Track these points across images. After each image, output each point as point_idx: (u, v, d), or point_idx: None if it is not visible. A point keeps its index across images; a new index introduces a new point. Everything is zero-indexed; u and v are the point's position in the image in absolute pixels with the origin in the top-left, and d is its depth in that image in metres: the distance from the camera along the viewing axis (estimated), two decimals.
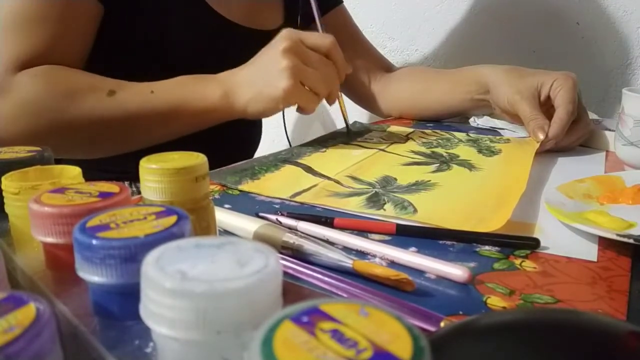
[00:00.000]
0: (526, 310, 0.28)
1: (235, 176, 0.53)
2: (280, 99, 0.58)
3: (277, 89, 0.57)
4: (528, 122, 0.66)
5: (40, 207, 0.24)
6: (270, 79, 0.58)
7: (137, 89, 0.60)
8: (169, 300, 0.16)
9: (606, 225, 0.39)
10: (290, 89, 0.57)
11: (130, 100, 0.58)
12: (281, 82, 0.57)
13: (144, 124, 0.59)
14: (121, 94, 0.58)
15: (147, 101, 0.59)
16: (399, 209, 0.45)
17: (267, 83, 0.58)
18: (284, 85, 0.57)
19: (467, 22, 1.12)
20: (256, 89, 0.59)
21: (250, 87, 0.59)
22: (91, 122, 0.58)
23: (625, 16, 0.97)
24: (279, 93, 0.57)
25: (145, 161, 0.28)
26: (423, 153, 0.64)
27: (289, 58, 0.57)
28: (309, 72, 0.58)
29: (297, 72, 0.57)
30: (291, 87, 0.57)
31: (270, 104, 0.58)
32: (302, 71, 0.58)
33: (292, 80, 0.57)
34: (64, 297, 0.23)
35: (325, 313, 0.15)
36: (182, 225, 0.22)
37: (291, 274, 0.33)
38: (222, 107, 0.59)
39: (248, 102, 0.59)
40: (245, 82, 0.60)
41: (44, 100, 0.57)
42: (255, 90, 0.59)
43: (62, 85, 0.58)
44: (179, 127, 0.61)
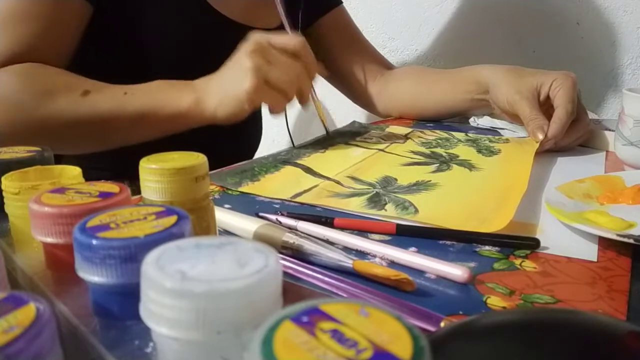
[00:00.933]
0: (526, 310, 0.28)
1: (235, 177, 0.53)
2: (244, 99, 0.57)
3: (241, 90, 0.57)
4: (527, 122, 0.66)
5: (40, 207, 0.24)
6: (234, 81, 0.58)
7: (111, 90, 0.60)
8: (169, 300, 0.16)
9: (606, 225, 0.39)
10: (254, 88, 0.56)
11: (103, 102, 0.59)
12: (245, 82, 0.56)
13: (115, 126, 0.60)
14: (94, 95, 0.59)
15: (119, 103, 0.59)
16: (400, 210, 0.44)
17: (232, 86, 0.58)
18: (247, 86, 0.56)
19: (467, 22, 1.12)
20: (222, 92, 0.58)
21: (217, 91, 0.59)
22: (63, 121, 0.58)
23: (625, 16, 0.97)
24: (242, 94, 0.57)
25: (145, 161, 0.28)
26: (423, 153, 0.64)
27: (252, 58, 0.57)
28: (272, 71, 0.58)
29: (260, 71, 0.57)
30: (254, 86, 0.56)
31: (236, 106, 0.58)
32: (266, 70, 0.57)
33: (255, 80, 0.56)
34: (64, 297, 0.23)
35: (325, 313, 0.15)
36: (182, 225, 0.22)
37: (291, 274, 0.33)
38: (192, 113, 0.59)
39: (217, 106, 0.58)
40: (213, 87, 0.60)
41: (19, 97, 0.58)
42: (222, 94, 0.58)
43: (38, 84, 0.59)
44: (150, 131, 0.61)
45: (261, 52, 0.58)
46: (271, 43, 0.59)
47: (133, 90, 0.60)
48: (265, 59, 0.58)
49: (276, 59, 0.58)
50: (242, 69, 0.57)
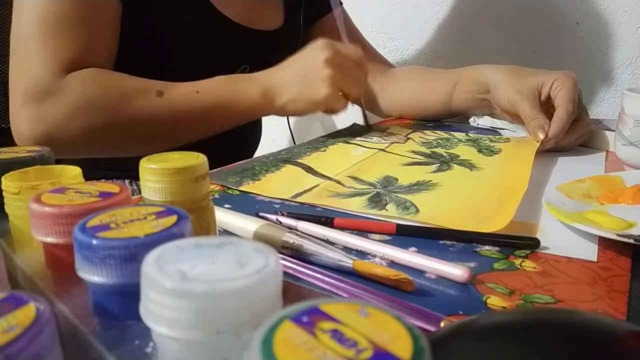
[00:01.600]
0: (526, 310, 0.28)
1: (236, 177, 0.53)
2: (321, 103, 0.64)
3: (319, 95, 0.64)
4: (528, 122, 0.66)
5: (40, 207, 0.24)
6: (312, 84, 0.64)
7: (182, 89, 0.63)
8: (169, 300, 0.16)
9: (606, 225, 0.39)
10: (331, 95, 0.64)
11: (178, 100, 0.62)
12: (323, 89, 0.63)
13: (192, 122, 0.63)
14: (169, 94, 0.62)
15: (193, 101, 0.63)
16: (401, 209, 0.44)
17: (308, 87, 0.64)
18: (326, 92, 0.63)
19: (468, 22, 1.12)
20: (297, 91, 0.65)
21: (291, 89, 0.65)
22: (143, 121, 0.61)
23: (625, 16, 0.97)
24: (320, 98, 0.64)
25: (145, 161, 0.28)
26: (423, 153, 0.64)
27: (330, 68, 0.64)
28: (346, 80, 0.66)
29: (337, 81, 0.64)
30: (331, 94, 0.64)
31: (310, 106, 0.65)
32: (341, 80, 0.65)
33: (332, 88, 0.64)
34: (64, 297, 0.23)
35: (325, 313, 0.15)
36: (182, 225, 0.22)
37: (291, 274, 0.33)
38: (262, 105, 0.65)
39: (288, 102, 0.65)
40: (285, 83, 0.65)
41: (98, 102, 0.60)
42: (296, 92, 0.64)
43: (114, 88, 0.61)
44: (223, 124, 0.66)
45: (337, 62, 0.65)
46: (340, 52, 0.66)
47: (202, 87, 0.63)
48: (340, 69, 0.65)
49: (348, 69, 0.66)
50: (321, 75, 0.64)
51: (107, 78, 0.61)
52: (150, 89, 0.61)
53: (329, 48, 0.65)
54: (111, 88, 0.61)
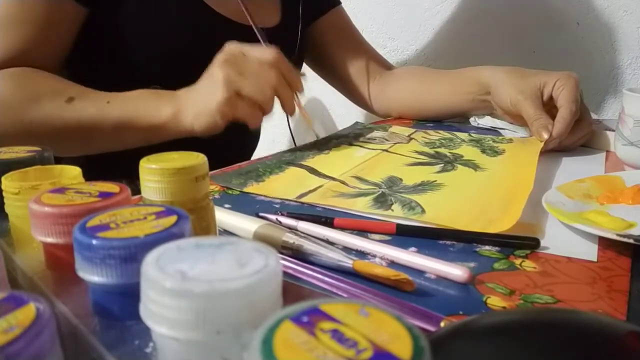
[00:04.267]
0: (526, 310, 0.28)
1: (240, 178, 0.53)
2: (216, 112, 0.56)
3: (212, 103, 0.56)
4: (532, 122, 0.66)
5: (40, 207, 0.24)
6: (207, 93, 0.57)
7: (94, 98, 0.60)
8: (169, 300, 0.16)
9: (606, 225, 0.39)
10: (225, 101, 0.55)
11: (86, 109, 0.59)
12: (216, 95, 0.56)
13: (97, 133, 0.60)
14: (79, 101, 0.59)
15: (101, 111, 0.59)
16: (406, 210, 0.44)
17: (204, 98, 0.57)
18: (219, 98, 0.55)
19: (467, 22, 1.12)
20: (197, 105, 0.58)
21: (195, 103, 0.58)
22: (47, 126, 0.59)
23: (625, 16, 0.97)
24: (213, 106, 0.56)
25: (145, 161, 0.28)
26: (427, 153, 0.64)
27: (223, 70, 0.56)
28: (245, 82, 0.56)
29: (231, 83, 0.56)
30: (225, 99, 0.55)
31: (210, 119, 0.57)
32: (237, 82, 0.56)
33: (226, 93, 0.55)
34: (64, 297, 0.23)
35: (325, 313, 0.15)
36: (182, 225, 0.22)
37: (291, 274, 0.33)
38: (170, 125, 0.59)
39: (193, 119, 0.58)
40: (190, 99, 0.59)
41: (7, 101, 0.59)
42: (198, 107, 0.58)
43: (27, 88, 0.60)
44: (132, 140, 0.61)
45: (233, 63, 0.57)
46: (245, 54, 0.58)
47: (116, 98, 0.60)
48: (238, 70, 0.56)
49: (249, 70, 0.57)
50: (214, 81, 0.56)
51: (26, 77, 0.60)
52: (62, 93, 0.59)
53: (228, 49, 0.58)
54: (24, 88, 0.60)
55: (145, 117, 0.59)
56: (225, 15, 0.72)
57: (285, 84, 0.60)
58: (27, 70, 0.61)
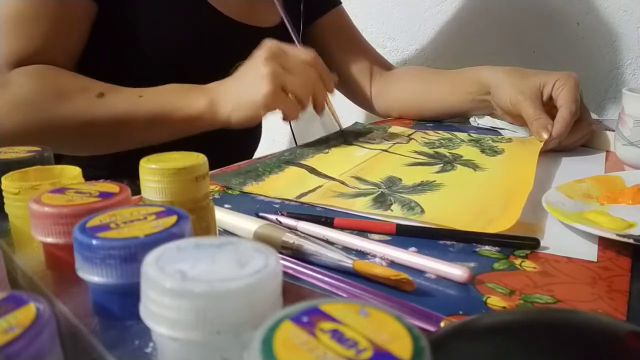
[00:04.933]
0: (526, 310, 0.28)
1: (239, 178, 0.53)
2: (261, 104, 0.58)
3: (258, 95, 0.58)
4: (532, 122, 0.66)
5: (40, 207, 0.24)
6: (251, 86, 0.58)
7: (125, 93, 0.61)
8: (169, 300, 0.16)
9: (606, 225, 0.39)
10: (271, 94, 0.57)
11: (119, 104, 0.60)
12: (262, 88, 0.57)
13: (131, 128, 0.60)
14: (110, 96, 0.60)
15: (134, 105, 0.60)
16: (406, 210, 0.44)
17: (248, 90, 0.59)
18: (264, 91, 0.57)
19: (467, 22, 1.12)
20: (238, 97, 0.59)
21: (232, 96, 0.60)
22: (80, 122, 0.59)
23: (625, 16, 0.97)
24: (259, 99, 0.58)
25: (145, 161, 0.28)
26: (426, 153, 0.64)
27: (269, 65, 0.58)
28: (289, 77, 0.59)
29: (277, 77, 0.58)
30: (271, 92, 0.57)
31: (251, 110, 0.59)
32: (283, 77, 0.58)
33: (272, 86, 0.57)
34: (64, 297, 0.23)
35: (325, 313, 0.15)
36: (182, 225, 0.22)
37: (291, 274, 0.33)
38: (206, 116, 0.60)
39: (231, 110, 0.59)
40: (228, 92, 0.60)
41: (36, 99, 0.59)
42: (237, 99, 0.59)
43: (54, 86, 0.59)
44: (165, 133, 0.62)
45: (277, 59, 0.59)
46: (285, 51, 0.61)
47: (147, 92, 0.61)
48: (282, 65, 0.59)
49: (292, 66, 0.60)
50: (259, 74, 0.58)
51: (50, 75, 0.60)
52: (92, 89, 0.60)
53: (271, 46, 0.60)
54: (51, 85, 0.59)
55: (180, 110, 0.60)
56: (228, 15, 0.72)
57: (321, 84, 0.63)
58: (46, 67, 0.61)
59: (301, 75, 0.60)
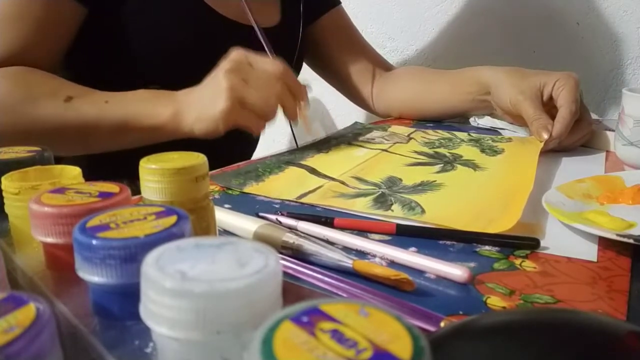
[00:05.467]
0: (526, 310, 0.28)
1: (239, 178, 0.53)
2: (219, 119, 0.56)
3: (215, 110, 0.56)
4: (532, 122, 0.66)
5: (40, 207, 0.24)
6: (210, 99, 0.57)
7: (93, 97, 0.60)
8: (169, 300, 0.16)
9: (606, 225, 0.39)
10: (228, 110, 0.55)
11: (84, 109, 0.59)
12: (220, 103, 0.56)
13: (95, 133, 0.60)
14: (77, 101, 0.59)
15: (100, 111, 0.59)
16: (406, 210, 0.44)
17: (208, 104, 0.57)
18: (222, 107, 0.55)
19: (467, 22, 1.12)
20: (200, 109, 0.58)
21: (195, 108, 0.58)
22: (47, 126, 0.59)
23: (625, 16, 0.97)
24: (217, 114, 0.56)
25: (145, 161, 0.28)
26: (426, 153, 0.64)
27: (229, 78, 0.56)
28: (249, 91, 0.57)
29: (236, 92, 0.56)
30: (228, 108, 0.55)
31: (211, 124, 0.57)
32: (242, 91, 0.56)
33: (229, 101, 0.55)
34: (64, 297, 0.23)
35: (325, 313, 0.15)
36: (182, 225, 0.22)
37: (291, 274, 0.33)
38: (169, 126, 0.59)
39: (194, 122, 0.58)
40: (192, 102, 0.59)
41: (7, 101, 0.59)
42: (199, 111, 0.58)
43: (24, 89, 0.60)
44: (129, 140, 0.61)
45: (239, 72, 0.57)
46: (251, 63, 0.58)
47: (115, 98, 0.60)
48: (243, 79, 0.56)
49: (255, 80, 0.57)
50: (219, 88, 0.56)
51: (24, 78, 0.60)
52: (61, 92, 0.59)
53: (235, 57, 0.58)
54: (23, 88, 0.59)
55: (144, 118, 0.59)
56: (225, 15, 0.72)
57: (290, 95, 0.60)
58: (24, 69, 0.61)
59: (263, 89, 0.57)
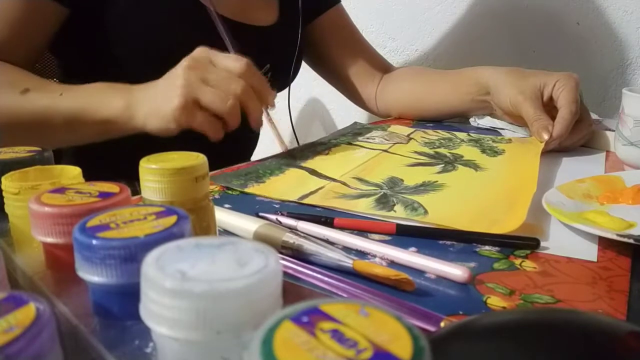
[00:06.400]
0: (526, 310, 0.28)
1: (240, 179, 0.53)
2: (170, 118, 0.52)
3: (167, 108, 0.52)
4: (532, 123, 0.66)
5: (40, 207, 0.24)
6: (164, 96, 0.54)
7: (49, 89, 0.60)
8: (169, 300, 0.16)
9: (606, 225, 0.39)
10: (180, 108, 0.52)
11: (38, 101, 0.59)
12: (172, 100, 0.52)
13: (49, 125, 0.59)
14: (33, 93, 0.59)
15: (53, 103, 0.58)
16: (409, 211, 0.44)
17: (161, 99, 0.54)
18: (174, 104, 0.52)
19: (467, 22, 1.12)
20: (153, 105, 0.55)
21: (148, 103, 0.55)
22: (2, 117, 0.59)
23: (625, 16, 0.97)
24: (168, 112, 0.52)
25: (145, 161, 0.28)
26: (426, 154, 0.64)
27: (185, 75, 0.53)
28: (205, 90, 0.52)
29: (190, 90, 0.52)
30: (181, 106, 0.52)
31: (162, 122, 0.53)
32: (197, 89, 0.52)
33: (182, 99, 0.52)
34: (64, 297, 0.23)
35: (325, 313, 0.15)
36: (182, 225, 0.22)
37: (291, 274, 0.33)
38: (121, 120, 0.56)
39: (145, 117, 0.55)
40: (146, 97, 0.56)
41: None
42: (154, 106, 0.54)
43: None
44: (82, 134, 0.60)
45: (197, 69, 0.53)
46: (213, 61, 0.55)
47: (70, 90, 0.59)
48: (201, 77, 0.53)
49: (214, 79, 0.53)
50: (174, 85, 0.53)
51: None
52: (19, 85, 0.59)
53: (196, 54, 0.55)
54: None
55: (95, 110, 0.57)
56: (223, 14, 0.72)
57: (253, 96, 0.55)
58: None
59: (221, 88, 0.53)
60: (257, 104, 0.56)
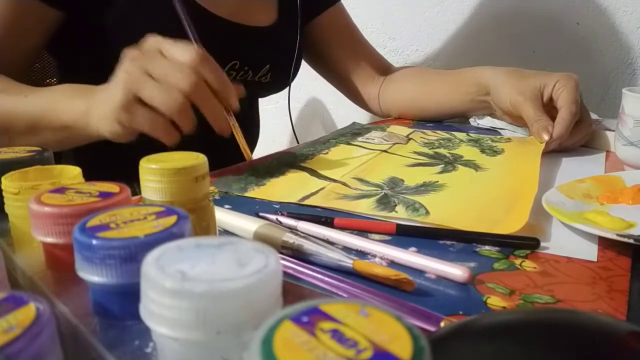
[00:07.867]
0: (526, 310, 0.28)
1: (240, 183, 0.53)
2: (112, 118, 0.46)
3: (109, 107, 0.46)
4: (532, 123, 0.66)
5: (40, 207, 0.24)
6: (108, 93, 0.48)
7: (16, 91, 0.57)
8: (169, 300, 0.16)
9: (606, 225, 0.39)
10: (121, 105, 0.45)
11: (4, 102, 0.57)
12: (114, 97, 0.45)
13: (14, 128, 0.56)
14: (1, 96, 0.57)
15: (16, 105, 0.56)
16: (410, 211, 0.44)
17: (106, 98, 0.48)
18: (115, 102, 0.45)
19: (467, 22, 1.12)
20: (101, 105, 0.48)
21: (102, 104, 0.48)
22: None
23: (625, 16, 0.97)
24: (109, 112, 0.46)
25: (145, 161, 0.28)
26: (426, 154, 0.64)
27: (127, 68, 0.46)
28: (146, 84, 0.45)
29: (131, 84, 0.45)
30: (121, 103, 0.45)
31: (107, 125, 0.47)
32: (138, 83, 0.45)
33: (122, 96, 0.45)
34: (64, 297, 0.23)
35: (325, 313, 0.15)
36: (182, 225, 0.22)
37: (291, 274, 0.33)
38: (78, 125, 0.51)
39: (98, 122, 0.49)
40: (100, 98, 0.49)
41: None
42: (100, 108, 0.48)
43: None
44: (44, 139, 0.54)
45: (142, 60, 0.46)
46: (162, 50, 0.47)
47: (34, 92, 0.57)
48: (145, 69, 0.45)
49: (159, 71, 0.45)
50: (115, 79, 0.46)
51: None
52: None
53: (144, 45, 0.48)
54: None
55: (55, 115, 0.53)
56: (218, 14, 0.72)
57: (209, 94, 0.47)
58: None
59: (165, 82, 0.45)
60: (214, 104, 0.48)
